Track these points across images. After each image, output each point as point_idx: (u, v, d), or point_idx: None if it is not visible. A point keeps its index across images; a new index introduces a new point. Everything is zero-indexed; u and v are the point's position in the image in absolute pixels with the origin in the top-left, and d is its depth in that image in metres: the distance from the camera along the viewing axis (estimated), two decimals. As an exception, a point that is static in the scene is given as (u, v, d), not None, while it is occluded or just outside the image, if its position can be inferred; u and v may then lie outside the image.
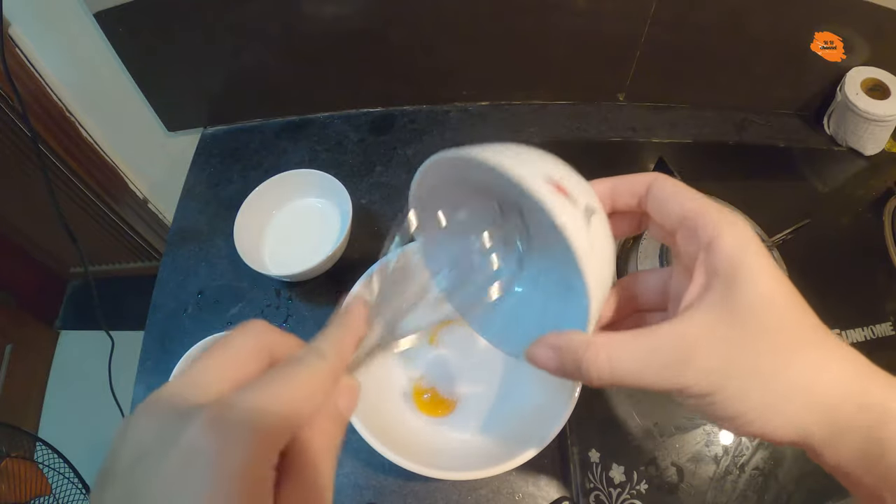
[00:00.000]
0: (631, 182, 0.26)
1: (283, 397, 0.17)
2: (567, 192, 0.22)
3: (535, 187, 0.21)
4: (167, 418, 0.16)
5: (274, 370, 0.18)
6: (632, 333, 0.22)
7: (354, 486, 0.46)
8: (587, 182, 0.25)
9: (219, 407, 0.16)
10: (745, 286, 0.21)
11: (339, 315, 0.22)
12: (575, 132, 0.68)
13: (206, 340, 0.48)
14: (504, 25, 0.61)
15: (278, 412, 0.16)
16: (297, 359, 0.19)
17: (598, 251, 0.22)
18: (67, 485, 0.89)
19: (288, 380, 0.18)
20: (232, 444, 0.15)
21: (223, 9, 0.57)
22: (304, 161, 0.66)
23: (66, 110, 0.72)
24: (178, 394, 0.17)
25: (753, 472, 0.44)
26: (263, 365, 0.19)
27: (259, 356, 0.19)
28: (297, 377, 0.18)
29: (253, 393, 0.17)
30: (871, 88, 0.62)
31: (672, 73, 0.67)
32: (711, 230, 0.22)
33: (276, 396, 0.17)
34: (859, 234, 0.60)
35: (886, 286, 0.56)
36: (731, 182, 0.63)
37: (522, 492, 0.45)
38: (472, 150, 0.24)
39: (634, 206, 0.26)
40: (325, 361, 0.19)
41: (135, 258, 1.21)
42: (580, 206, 0.22)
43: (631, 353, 0.22)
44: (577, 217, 0.22)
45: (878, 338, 0.52)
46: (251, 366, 0.18)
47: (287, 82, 0.67)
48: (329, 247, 0.53)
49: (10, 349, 1.24)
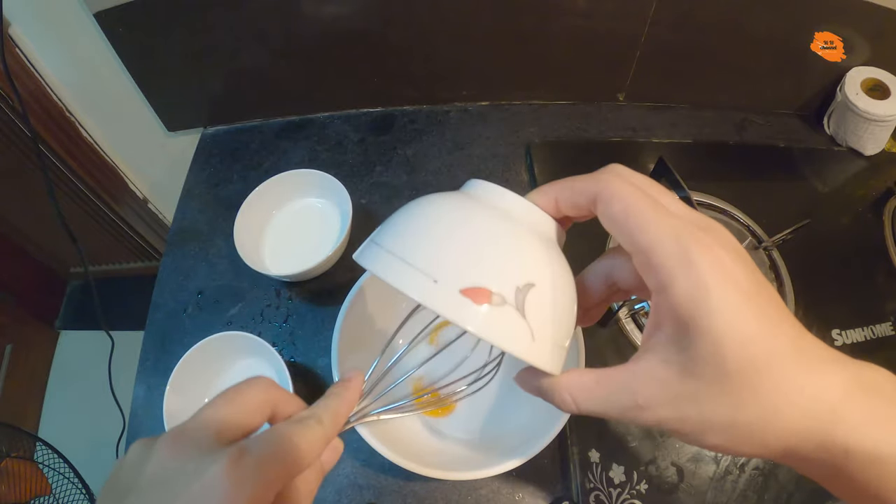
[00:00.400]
0: (574, 195, 0.24)
1: (285, 452, 0.21)
2: (488, 290, 0.21)
3: (450, 314, 0.20)
4: (191, 454, 0.20)
5: (282, 427, 0.22)
6: (594, 378, 0.23)
7: (354, 486, 0.46)
8: (525, 205, 0.24)
9: (238, 454, 0.20)
10: (697, 341, 0.20)
11: (338, 385, 0.27)
12: (575, 132, 0.68)
13: (205, 342, 0.48)
14: (504, 25, 0.61)
15: (281, 464, 0.21)
16: (300, 421, 0.23)
17: (542, 325, 0.22)
18: (67, 485, 0.89)
19: (291, 439, 0.22)
20: (244, 485, 0.19)
21: (223, 9, 0.57)
22: (304, 161, 0.66)
23: (66, 110, 0.72)
24: (199, 434, 0.21)
25: (753, 472, 0.44)
26: (266, 417, 0.24)
27: (264, 410, 0.23)
28: (299, 438, 0.22)
29: (264, 445, 0.21)
30: (871, 88, 0.62)
31: (672, 73, 0.67)
32: (663, 276, 0.20)
33: (281, 450, 0.21)
34: (859, 234, 0.60)
35: (886, 286, 0.56)
36: (731, 182, 0.63)
37: (522, 492, 0.45)
38: (381, 258, 0.23)
39: (586, 214, 0.24)
40: (322, 428, 0.24)
41: (135, 258, 1.21)
42: (508, 297, 0.21)
43: (592, 395, 0.23)
44: (503, 319, 0.21)
45: (878, 338, 0.52)
46: (258, 418, 0.23)
47: (287, 82, 0.67)
48: (329, 247, 0.53)
49: (10, 349, 1.25)
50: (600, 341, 0.51)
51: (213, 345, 0.48)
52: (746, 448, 0.21)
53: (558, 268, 0.23)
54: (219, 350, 0.49)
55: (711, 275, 0.20)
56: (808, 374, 0.20)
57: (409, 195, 0.62)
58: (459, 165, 0.65)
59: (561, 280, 0.23)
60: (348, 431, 0.27)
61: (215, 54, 0.62)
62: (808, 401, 0.19)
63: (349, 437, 0.28)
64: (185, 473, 0.19)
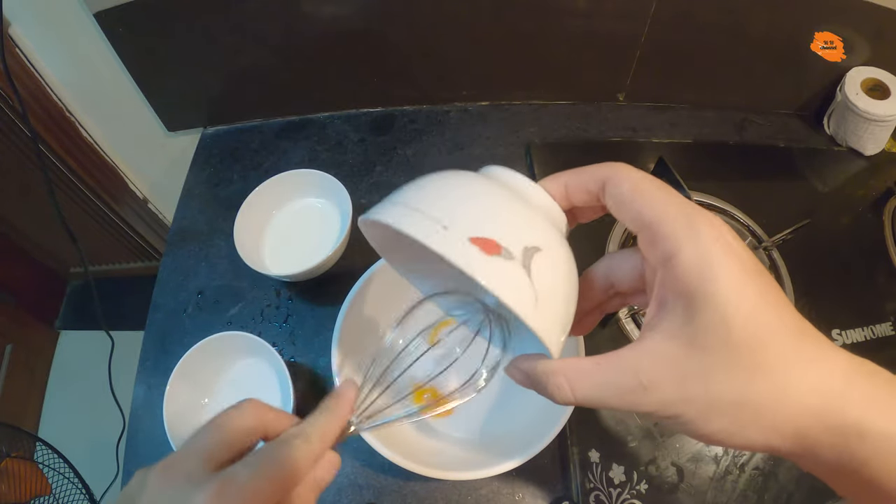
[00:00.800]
0: (585, 179, 0.24)
1: (270, 476, 0.22)
2: (497, 243, 0.21)
3: (456, 257, 0.20)
4: (179, 485, 0.21)
5: (267, 449, 0.23)
6: (593, 361, 0.22)
7: (354, 486, 0.46)
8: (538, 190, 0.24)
9: (221, 483, 0.21)
10: (704, 309, 0.19)
11: (331, 398, 0.27)
12: (575, 132, 0.68)
13: (206, 341, 0.48)
14: (504, 25, 0.61)
15: (265, 488, 0.22)
16: (286, 441, 0.24)
17: (547, 292, 0.21)
18: (67, 485, 0.89)
19: (276, 461, 0.23)
20: None
21: (223, 9, 0.57)
22: (304, 161, 0.66)
23: (66, 110, 0.72)
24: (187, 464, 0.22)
25: (753, 472, 0.44)
26: (258, 437, 0.24)
27: (254, 433, 0.24)
28: (284, 459, 0.23)
29: (248, 470, 0.22)
30: (871, 88, 0.62)
31: (672, 73, 0.67)
32: (670, 245, 0.20)
33: (265, 475, 0.22)
34: (859, 234, 0.60)
35: (886, 286, 0.56)
36: (731, 182, 0.63)
37: (522, 492, 0.45)
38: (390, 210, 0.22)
39: (594, 202, 0.24)
40: (309, 445, 0.24)
41: (135, 258, 1.21)
42: (516, 253, 0.21)
43: (591, 381, 0.22)
44: (509, 272, 0.20)
45: (878, 338, 0.52)
46: (248, 441, 0.24)
47: (287, 82, 0.67)
48: (329, 247, 0.53)
49: (10, 349, 1.24)
50: (600, 341, 0.51)
51: (213, 344, 0.48)
52: (754, 432, 0.20)
53: (564, 252, 0.23)
54: (219, 350, 0.49)
55: (717, 247, 0.20)
56: (814, 350, 0.20)
57: (409, 195, 0.62)
58: (459, 165, 0.65)
59: (565, 263, 0.23)
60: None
61: (215, 54, 0.62)
62: (817, 377, 0.19)
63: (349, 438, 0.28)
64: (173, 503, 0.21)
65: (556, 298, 0.22)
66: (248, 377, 0.50)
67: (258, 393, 0.48)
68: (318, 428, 0.25)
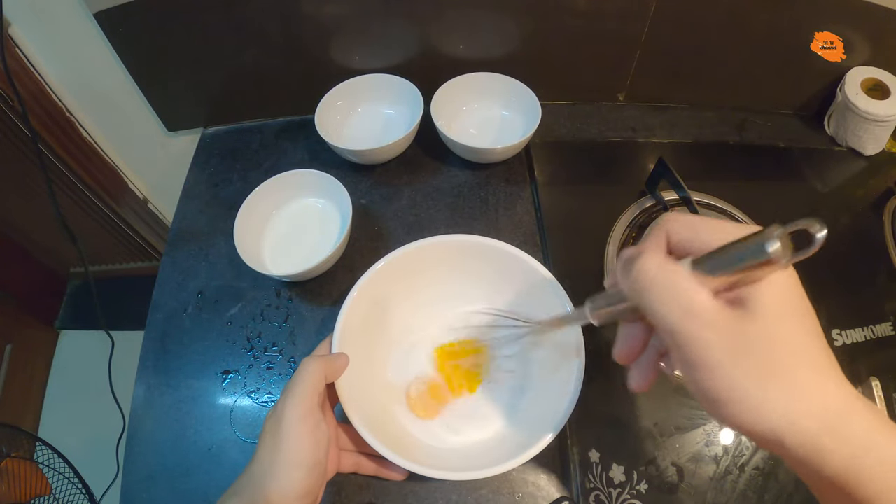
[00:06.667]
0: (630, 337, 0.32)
1: (309, 377, 0.37)
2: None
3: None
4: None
5: (300, 369, 0.38)
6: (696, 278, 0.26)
7: (354, 485, 0.46)
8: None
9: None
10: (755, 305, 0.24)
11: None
12: (575, 132, 0.68)
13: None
14: (504, 25, 0.61)
15: (310, 380, 0.37)
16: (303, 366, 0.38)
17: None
18: (67, 485, 0.89)
19: (306, 371, 0.37)
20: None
21: (223, 9, 0.57)
22: (304, 161, 0.66)
23: (66, 110, 0.72)
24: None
25: (753, 472, 0.44)
26: (322, 389, 0.38)
27: (318, 389, 0.37)
28: (306, 372, 0.37)
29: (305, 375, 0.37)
30: (871, 88, 0.62)
31: (672, 73, 0.67)
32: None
33: (307, 377, 0.37)
34: (859, 234, 0.60)
35: (886, 286, 0.56)
36: (731, 182, 0.63)
37: (522, 492, 0.45)
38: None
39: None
40: (313, 360, 0.38)
41: (135, 258, 1.21)
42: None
43: (693, 233, 0.27)
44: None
45: (878, 338, 0.52)
46: (315, 397, 0.36)
47: (287, 82, 0.67)
48: (329, 247, 0.53)
49: (10, 349, 1.25)
50: (601, 341, 0.51)
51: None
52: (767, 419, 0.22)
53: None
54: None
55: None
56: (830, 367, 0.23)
57: (409, 195, 0.62)
58: (459, 165, 0.65)
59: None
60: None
61: (215, 54, 0.62)
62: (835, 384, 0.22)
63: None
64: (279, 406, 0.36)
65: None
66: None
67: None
68: (317, 350, 0.43)
